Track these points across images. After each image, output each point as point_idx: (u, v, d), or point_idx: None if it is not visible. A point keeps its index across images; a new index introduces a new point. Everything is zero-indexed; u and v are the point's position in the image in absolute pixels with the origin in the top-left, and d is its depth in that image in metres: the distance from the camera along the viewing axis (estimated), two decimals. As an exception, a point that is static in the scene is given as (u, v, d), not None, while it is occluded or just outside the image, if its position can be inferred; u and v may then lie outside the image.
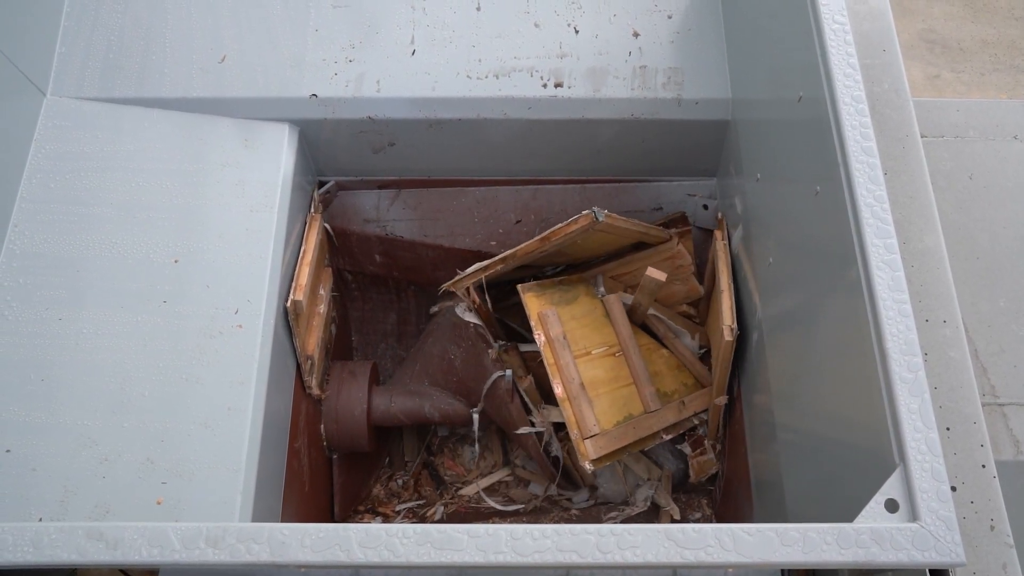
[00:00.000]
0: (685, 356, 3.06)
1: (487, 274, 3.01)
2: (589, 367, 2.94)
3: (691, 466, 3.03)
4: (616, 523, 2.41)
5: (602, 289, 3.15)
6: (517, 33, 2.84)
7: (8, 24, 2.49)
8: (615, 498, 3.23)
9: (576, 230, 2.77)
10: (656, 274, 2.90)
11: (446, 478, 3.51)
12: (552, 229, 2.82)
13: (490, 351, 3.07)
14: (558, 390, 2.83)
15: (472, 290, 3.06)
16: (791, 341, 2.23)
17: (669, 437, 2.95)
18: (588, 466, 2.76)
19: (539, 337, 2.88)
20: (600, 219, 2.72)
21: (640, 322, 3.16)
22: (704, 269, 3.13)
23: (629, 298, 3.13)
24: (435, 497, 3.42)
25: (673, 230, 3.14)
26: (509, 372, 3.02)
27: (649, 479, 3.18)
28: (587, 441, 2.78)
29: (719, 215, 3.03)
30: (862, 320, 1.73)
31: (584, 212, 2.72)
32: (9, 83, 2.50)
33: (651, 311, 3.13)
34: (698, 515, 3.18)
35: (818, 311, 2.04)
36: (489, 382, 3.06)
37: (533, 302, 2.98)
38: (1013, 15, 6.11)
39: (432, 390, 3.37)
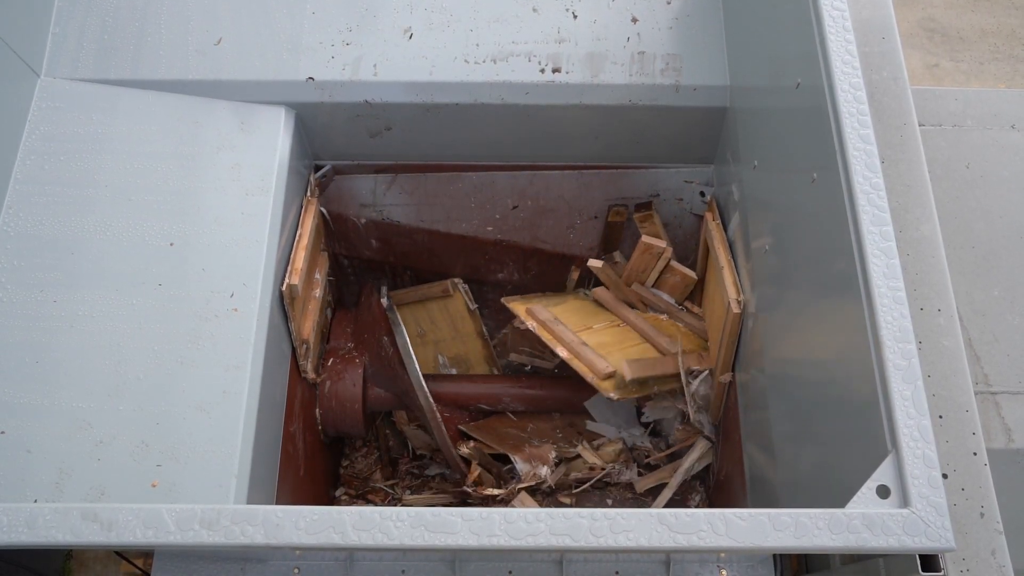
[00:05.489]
0: (693, 325, 3.08)
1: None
2: (593, 336, 2.99)
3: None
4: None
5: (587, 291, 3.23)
6: (515, 18, 2.82)
7: (1, 3, 2.46)
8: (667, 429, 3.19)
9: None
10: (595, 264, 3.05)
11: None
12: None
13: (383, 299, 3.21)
14: (562, 353, 2.88)
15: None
16: (786, 328, 2.24)
17: (694, 382, 2.92)
18: (613, 395, 2.78)
19: (531, 325, 2.90)
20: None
21: (634, 298, 3.20)
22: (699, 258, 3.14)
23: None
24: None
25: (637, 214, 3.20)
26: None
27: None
28: (612, 369, 2.80)
29: (709, 197, 3.03)
30: (857, 307, 1.73)
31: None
32: (2, 63, 2.48)
33: (649, 288, 3.15)
34: (697, 499, 3.20)
35: (813, 298, 2.05)
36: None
37: (519, 306, 3.08)
38: (1013, 4, 6.09)
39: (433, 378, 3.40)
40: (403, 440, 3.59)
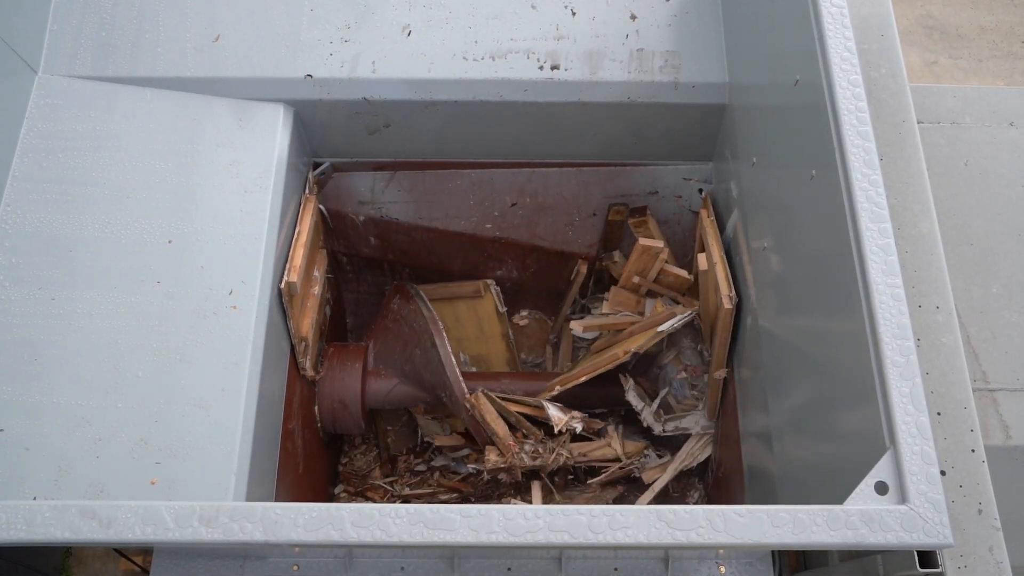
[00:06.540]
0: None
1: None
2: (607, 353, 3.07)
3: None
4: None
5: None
6: (514, 14, 2.82)
7: (-1, 0, 2.46)
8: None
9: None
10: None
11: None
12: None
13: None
14: (586, 377, 3.02)
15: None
16: (785, 324, 2.24)
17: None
18: (641, 350, 2.93)
19: (550, 406, 3.04)
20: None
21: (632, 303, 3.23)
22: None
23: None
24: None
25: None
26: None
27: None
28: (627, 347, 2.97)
29: (702, 193, 3.03)
30: (856, 304, 1.73)
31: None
32: (0, 61, 2.47)
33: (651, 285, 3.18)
34: (695, 495, 3.21)
35: (812, 295, 2.05)
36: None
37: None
38: (1012, 1, 6.09)
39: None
40: (405, 434, 3.60)
